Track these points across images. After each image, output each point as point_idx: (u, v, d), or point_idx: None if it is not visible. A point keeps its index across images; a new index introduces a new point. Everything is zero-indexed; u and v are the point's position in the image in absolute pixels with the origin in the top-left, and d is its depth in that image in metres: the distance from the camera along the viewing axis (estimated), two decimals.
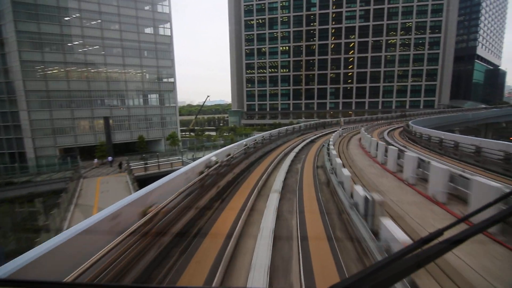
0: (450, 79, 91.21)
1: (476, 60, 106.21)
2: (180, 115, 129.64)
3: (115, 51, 40.98)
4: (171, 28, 44.61)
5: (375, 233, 4.02)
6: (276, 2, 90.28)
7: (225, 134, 54.56)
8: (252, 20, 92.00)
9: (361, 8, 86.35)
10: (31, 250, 2.66)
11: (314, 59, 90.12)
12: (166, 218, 4.71)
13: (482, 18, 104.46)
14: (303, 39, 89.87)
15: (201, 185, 6.08)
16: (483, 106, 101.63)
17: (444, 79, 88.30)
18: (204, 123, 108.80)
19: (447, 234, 0.83)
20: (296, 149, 15.92)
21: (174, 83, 44.58)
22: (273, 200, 6.55)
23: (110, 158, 37.43)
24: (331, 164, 9.62)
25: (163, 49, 43.96)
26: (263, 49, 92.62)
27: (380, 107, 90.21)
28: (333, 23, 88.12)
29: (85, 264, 2.70)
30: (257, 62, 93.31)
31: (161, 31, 44.16)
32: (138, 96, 43.31)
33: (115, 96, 41.71)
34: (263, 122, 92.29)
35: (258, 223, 5.58)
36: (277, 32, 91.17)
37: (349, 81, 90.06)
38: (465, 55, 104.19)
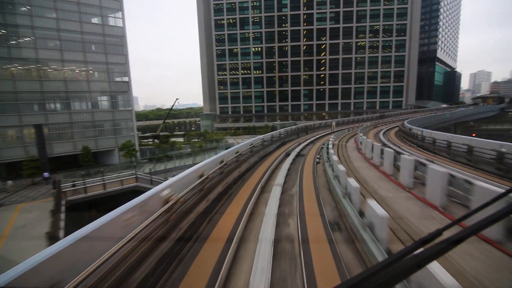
0: (416, 80, 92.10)
1: (436, 63, 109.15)
2: (148, 119, 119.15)
3: (52, 44, 32.33)
4: (123, 18, 36.36)
5: None
6: (247, 1, 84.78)
7: (193, 140, 47.02)
8: (223, 19, 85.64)
9: (331, 10, 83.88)
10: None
11: (287, 61, 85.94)
12: None
13: (441, 23, 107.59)
14: (276, 40, 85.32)
15: None
16: (444, 105, 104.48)
17: (410, 80, 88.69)
18: (174, 128, 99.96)
19: (446, 234, 0.81)
20: (280, 176, 9.65)
21: (128, 83, 36.33)
22: None
23: (46, 175, 29.02)
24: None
25: (114, 43, 35.52)
26: (235, 49, 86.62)
27: (352, 108, 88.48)
28: (305, 24, 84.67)
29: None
30: (229, 63, 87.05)
31: (111, 22, 35.97)
32: (83, 98, 34.63)
33: (52, 99, 32.69)
34: (237, 126, 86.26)
35: None
36: (248, 33, 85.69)
37: (322, 82, 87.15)
38: (426, 58, 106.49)
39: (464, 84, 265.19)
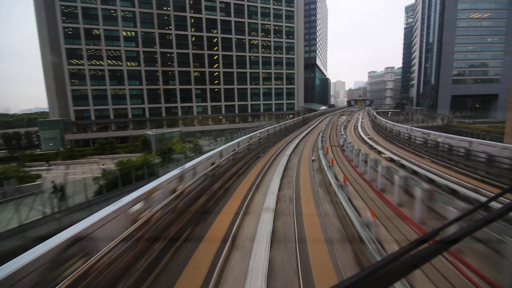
0: (303, 84, 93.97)
1: (316, 70, 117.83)
2: None
3: None
4: None
5: None
6: None
7: None
8: None
9: (221, 0, 72.36)
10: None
11: (172, 53, 67.85)
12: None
13: (318, 34, 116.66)
14: (155, 24, 65.58)
15: None
16: (324, 107, 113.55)
17: (299, 83, 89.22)
18: None
19: (442, 234, 0.81)
20: None
21: None
22: None
23: None
24: None
25: None
26: (95, 30, 60.95)
27: (249, 111, 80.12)
28: (192, 11, 69.19)
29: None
30: (87, 49, 60.45)
31: None
32: None
33: None
34: (107, 135, 60.94)
35: None
36: (115, 10, 62.11)
37: (216, 82, 74.22)
38: (309, 64, 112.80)
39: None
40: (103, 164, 24.65)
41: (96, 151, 34.21)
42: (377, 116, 24.22)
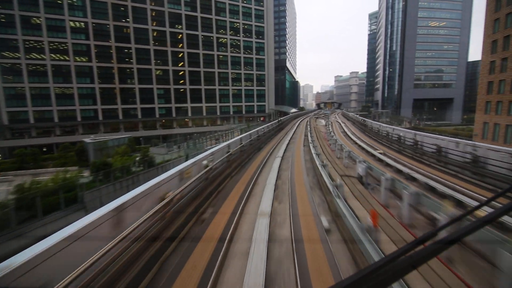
0: (274, 85, 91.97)
1: (286, 72, 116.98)
2: None
3: None
4: None
5: None
6: None
7: None
8: None
9: None
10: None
11: (130, 48, 60.86)
12: None
13: (287, 36, 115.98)
14: (110, 16, 58.20)
15: None
16: (294, 110, 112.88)
17: (270, 85, 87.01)
18: None
19: (441, 235, 0.81)
20: None
21: None
22: None
23: None
24: None
25: None
26: (35, 19, 52.02)
27: (218, 113, 75.58)
28: (152, 3, 62.95)
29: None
30: (25, 40, 51.31)
31: None
32: None
33: None
34: (50, 141, 52.32)
35: None
36: None
37: (182, 81, 68.56)
38: (279, 66, 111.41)
39: None
40: None
41: (15, 165, 26.31)
42: (366, 120, 20.40)
